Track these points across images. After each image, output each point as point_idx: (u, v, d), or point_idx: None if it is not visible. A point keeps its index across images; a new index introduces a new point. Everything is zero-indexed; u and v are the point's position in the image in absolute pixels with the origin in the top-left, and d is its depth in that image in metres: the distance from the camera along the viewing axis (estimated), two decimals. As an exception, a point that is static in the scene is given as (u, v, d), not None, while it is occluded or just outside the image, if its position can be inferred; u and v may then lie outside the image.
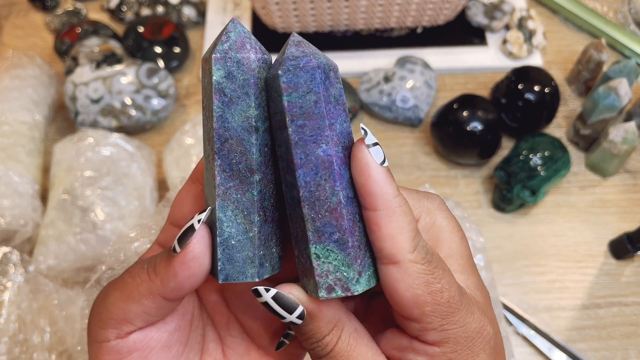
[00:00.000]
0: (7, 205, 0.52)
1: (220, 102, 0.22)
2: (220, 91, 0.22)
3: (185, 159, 0.54)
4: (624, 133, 0.55)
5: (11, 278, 0.44)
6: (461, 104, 0.58)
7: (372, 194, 0.21)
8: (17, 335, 0.42)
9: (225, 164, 0.22)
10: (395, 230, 0.21)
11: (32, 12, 0.75)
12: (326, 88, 0.21)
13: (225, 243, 0.23)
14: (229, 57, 0.22)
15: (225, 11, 0.73)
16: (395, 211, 0.21)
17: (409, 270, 0.21)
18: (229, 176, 0.22)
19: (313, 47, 0.22)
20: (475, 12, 0.69)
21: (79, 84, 0.60)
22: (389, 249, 0.21)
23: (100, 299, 0.24)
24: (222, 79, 0.22)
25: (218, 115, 0.22)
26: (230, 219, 0.23)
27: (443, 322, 0.22)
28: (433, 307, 0.22)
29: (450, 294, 0.22)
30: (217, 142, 0.22)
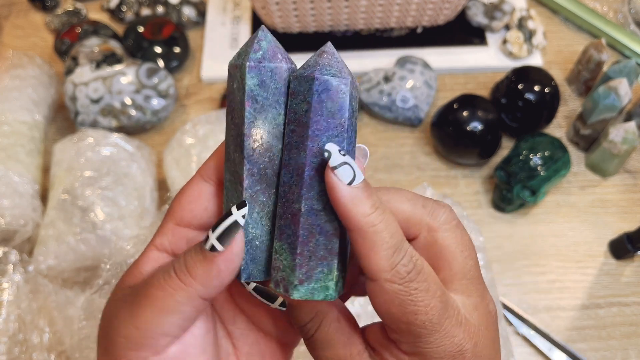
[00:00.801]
0: (7, 205, 0.52)
1: (252, 109, 0.23)
2: (252, 98, 0.23)
3: (186, 159, 0.54)
4: (624, 133, 0.55)
5: (10, 278, 0.44)
6: (461, 104, 0.58)
7: (343, 216, 0.22)
8: (17, 335, 0.42)
9: (255, 168, 0.23)
10: (369, 249, 0.21)
11: (32, 12, 0.75)
12: (320, 100, 0.22)
13: (250, 243, 0.23)
14: (263, 65, 0.23)
15: (225, 11, 0.73)
16: (367, 231, 0.21)
17: (385, 289, 0.22)
18: (257, 180, 0.23)
19: (339, 60, 0.23)
20: (475, 12, 0.69)
21: (79, 84, 0.60)
22: (367, 267, 0.22)
23: (120, 321, 0.23)
24: (256, 86, 0.23)
25: (250, 121, 0.23)
26: (255, 220, 0.23)
27: (416, 341, 0.22)
28: (407, 327, 0.22)
29: (427, 317, 0.22)
30: (248, 148, 0.23)
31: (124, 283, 0.25)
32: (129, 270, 0.25)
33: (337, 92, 0.22)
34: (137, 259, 0.26)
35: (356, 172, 0.22)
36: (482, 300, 0.24)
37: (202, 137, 0.55)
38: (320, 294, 0.23)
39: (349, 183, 0.21)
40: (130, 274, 0.25)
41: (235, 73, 0.23)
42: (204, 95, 0.67)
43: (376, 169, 0.61)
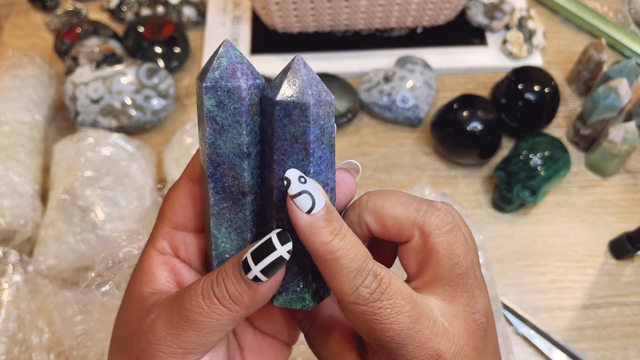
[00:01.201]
0: (7, 205, 0.52)
1: (212, 129, 0.22)
2: (211, 119, 0.22)
3: (186, 159, 0.54)
4: (624, 133, 0.55)
5: (10, 278, 0.44)
6: (461, 104, 0.58)
7: (304, 243, 0.22)
8: (16, 335, 0.42)
9: (219, 187, 0.23)
10: (330, 275, 0.22)
11: (32, 12, 0.75)
12: (282, 125, 0.22)
13: (220, 257, 0.24)
14: (219, 86, 0.22)
15: (226, 11, 0.73)
16: (325, 259, 0.22)
17: (349, 310, 0.22)
18: (222, 198, 0.23)
19: (304, 78, 0.22)
20: (475, 12, 0.69)
21: (79, 84, 0.60)
22: (332, 289, 0.22)
23: (160, 339, 0.23)
24: (214, 107, 0.22)
25: (210, 142, 0.22)
26: (224, 235, 0.24)
27: (390, 354, 0.22)
28: (377, 342, 0.22)
29: (395, 333, 0.22)
30: (210, 167, 0.23)
31: (139, 290, 0.25)
32: (138, 276, 0.25)
33: (299, 116, 0.22)
34: (142, 263, 0.26)
35: (316, 200, 0.22)
36: (467, 308, 0.24)
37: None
38: (298, 303, 0.24)
39: (308, 211, 0.22)
40: (142, 279, 0.25)
41: (197, 91, 0.23)
42: (204, 95, 0.67)
43: (376, 169, 0.61)
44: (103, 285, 0.37)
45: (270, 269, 0.22)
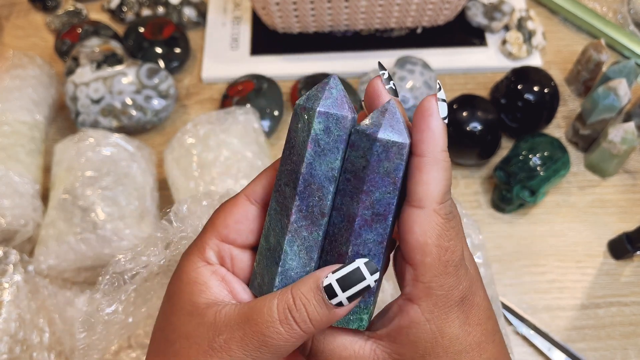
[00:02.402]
0: (8, 205, 0.52)
1: (313, 151, 0.24)
2: (316, 142, 0.24)
3: (186, 159, 0.54)
4: (623, 133, 0.55)
5: (10, 278, 0.44)
6: (461, 104, 0.58)
7: (424, 141, 0.23)
8: (17, 335, 0.42)
9: (303, 205, 0.25)
10: (432, 178, 0.23)
11: (33, 13, 0.75)
12: (379, 160, 0.24)
13: (285, 273, 0.25)
14: (331, 113, 0.24)
15: (226, 11, 0.73)
16: (438, 162, 0.23)
17: (430, 218, 0.23)
18: (303, 216, 0.25)
19: (399, 120, 0.24)
20: (475, 13, 0.69)
21: (79, 84, 0.60)
22: (420, 193, 0.23)
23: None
24: (321, 131, 0.24)
25: (308, 162, 0.24)
26: (294, 252, 0.25)
27: (432, 280, 0.24)
28: (432, 260, 0.23)
29: (452, 257, 0.24)
30: (301, 185, 0.25)
31: (193, 301, 0.25)
32: (188, 286, 0.26)
33: (395, 154, 0.24)
34: (188, 273, 0.26)
35: (447, 116, 0.24)
36: (470, 255, 0.26)
37: (203, 137, 0.55)
38: (355, 324, 0.25)
39: (442, 118, 0.24)
40: (193, 290, 0.26)
41: (302, 114, 0.25)
42: (204, 95, 0.67)
43: (376, 169, 0.61)
44: (108, 306, 0.37)
45: (356, 296, 0.24)
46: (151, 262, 0.38)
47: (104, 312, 0.37)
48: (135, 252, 0.38)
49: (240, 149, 0.54)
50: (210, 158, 0.53)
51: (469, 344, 0.24)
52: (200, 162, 0.53)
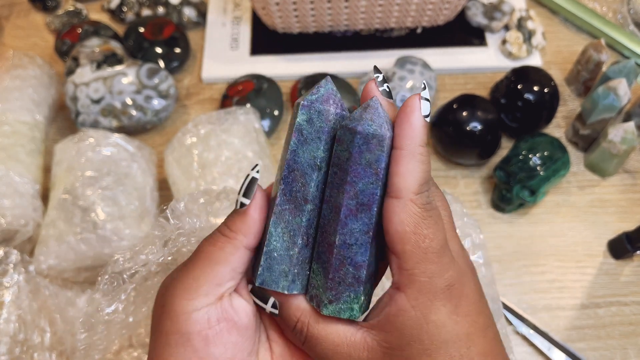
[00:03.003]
0: (8, 205, 0.52)
1: (296, 139, 0.26)
2: (299, 131, 0.26)
3: (186, 159, 0.54)
4: (623, 133, 0.55)
5: (11, 278, 0.44)
6: (461, 104, 0.58)
7: (403, 135, 0.25)
8: (18, 335, 0.42)
9: (287, 189, 0.27)
10: (408, 170, 0.24)
11: (33, 13, 0.75)
12: (360, 152, 0.25)
13: (269, 254, 0.27)
14: (313, 106, 0.26)
15: (226, 12, 0.73)
16: (414, 156, 0.25)
17: (406, 207, 0.24)
18: (287, 199, 0.27)
19: (381, 115, 0.25)
20: (474, 13, 0.69)
21: (79, 84, 0.60)
22: (397, 184, 0.25)
23: (181, 276, 0.27)
24: (304, 122, 0.26)
25: (292, 149, 0.26)
26: (278, 234, 0.27)
27: (414, 267, 0.24)
28: (412, 248, 0.24)
29: (431, 244, 0.25)
30: (286, 171, 0.27)
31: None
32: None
33: (376, 145, 0.25)
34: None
35: (429, 114, 0.25)
36: (462, 250, 0.27)
37: (204, 137, 0.55)
38: (346, 313, 0.26)
39: (425, 116, 0.25)
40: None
41: (294, 110, 0.27)
42: (204, 95, 0.67)
43: (376, 169, 0.61)
44: (108, 306, 0.38)
45: (248, 190, 0.26)
46: (150, 261, 0.38)
47: (104, 312, 0.37)
48: (133, 251, 0.38)
49: (241, 149, 0.54)
50: (211, 158, 0.53)
51: (457, 333, 0.25)
52: (201, 162, 0.53)
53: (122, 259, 0.39)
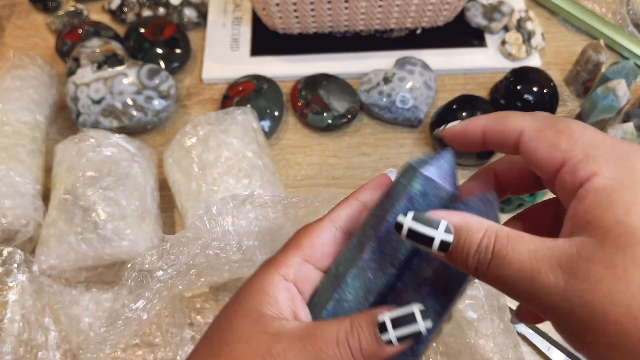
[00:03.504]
0: (9, 205, 0.52)
1: (404, 206, 0.25)
2: (409, 199, 0.25)
3: (186, 160, 0.54)
4: (622, 133, 0.55)
5: (15, 278, 0.44)
6: (460, 104, 0.58)
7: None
8: (22, 335, 0.42)
9: (378, 250, 0.26)
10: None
11: (34, 13, 0.75)
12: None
13: (339, 302, 0.27)
14: (433, 180, 0.25)
15: (226, 12, 0.73)
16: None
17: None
18: (374, 258, 0.26)
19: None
20: (474, 14, 0.69)
21: (80, 85, 0.60)
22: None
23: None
24: (417, 192, 0.25)
25: (396, 213, 0.25)
26: (354, 287, 0.26)
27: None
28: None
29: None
30: (382, 231, 0.26)
31: (260, 310, 0.27)
32: (258, 295, 0.27)
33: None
34: (262, 283, 0.27)
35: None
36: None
37: (203, 138, 0.55)
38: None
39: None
40: (263, 300, 0.27)
41: (408, 170, 0.26)
42: (205, 95, 0.67)
43: (376, 169, 0.61)
44: (134, 303, 0.38)
45: (405, 338, 0.25)
46: (179, 262, 0.38)
47: (130, 308, 0.38)
48: (162, 250, 0.38)
49: (240, 149, 0.54)
50: (211, 159, 0.53)
51: None
52: (201, 162, 0.53)
53: (150, 257, 0.39)
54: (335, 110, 0.62)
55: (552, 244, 0.22)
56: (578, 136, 0.24)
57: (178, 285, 0.40)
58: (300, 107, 0.63)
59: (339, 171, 0.61)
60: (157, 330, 0.48)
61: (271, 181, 0.54)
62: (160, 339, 0.48)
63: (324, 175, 0.61)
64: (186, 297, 0.52)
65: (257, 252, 0.47)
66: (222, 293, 0.53)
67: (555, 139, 0.24)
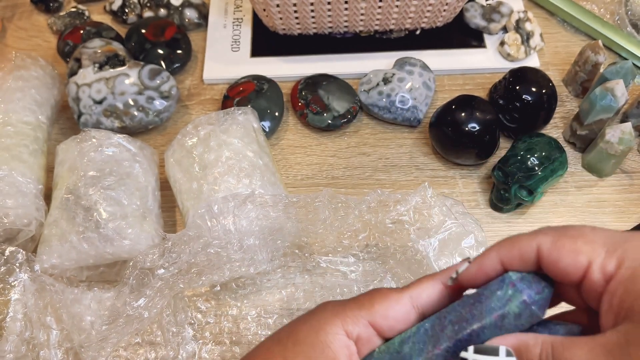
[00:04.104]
0: (11, 205, 0.52)
1: (494, 322, 0.26)
2: (502, 317, 0.26)
3: (187, 159, 0.54)
4: (620, 134, 0.56)
5: (17, 277, 0.44)
6: (459, 104, 0.58)
7: None
8: (24, 333, 0.42)
9: (453, 351, 0.26)
10: None
11: (36, 14, 0.75)
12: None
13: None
14: (532, 308, 0.26)
15: (227, 13, 0.73)
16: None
17: None
18: (446, 358, 0.26)
19: None
20: (473, 14, 0.70)
21: (81, 85, 0.60)
22: None
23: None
24: (513, 314, 0.26)
25: (483, 326, 0.26)
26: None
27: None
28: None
29: None
30: (464, 337, 0.26)
31: (315, 356, 0.27)
32: (320, 349, 0.27)
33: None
34: (326, 336, 0.27)
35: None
36: None
37: (204, 138, 0.55)
38: None
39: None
40: (325, 355, 0.27)
41: (509, 287, 0.26)
42: (205, 96, 0.68)
43: (375, 169, 0.61)
44: (136, 300, 0.38)
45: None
46: (181, 260, 0.38)
47: (132, 305, 0.38)
48: (164, 248, 0.39)
49: (241, 149, 0.54)
50: (212, 158, 0.53)
51: None
52: (202, 162, 0.54)
53: (152, 255, 0.39)
54: (335, 111, 0.63)
55: (602, 339, 0.23)
56: (593, 237, 0.26)
57: (179, 283, 0.40)
58: (301, 107, 0.64)
59: (338, 171, 0.61)
60: (158, 329, 0.49)
61: (271, 181, 0.54)
62: (161, 338, 0.49)
63: (324, 175, 0.61)
64: (187, 297, 0.52)
65: (257, 251, 0.47)
66: (222, 293, 0.53)
67: (575, 245, 0.26)
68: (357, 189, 0.60)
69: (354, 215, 0.49)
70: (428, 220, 0.49)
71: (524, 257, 0.27)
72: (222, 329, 0.51)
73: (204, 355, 0.49)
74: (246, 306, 0.52)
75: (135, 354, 0.48)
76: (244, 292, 0.53)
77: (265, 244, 0.47)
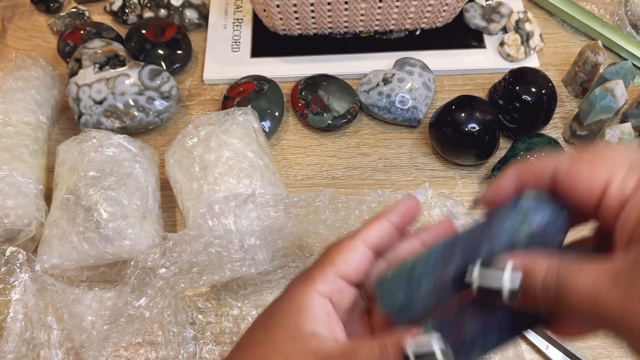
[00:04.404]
0: (11, 205, 0.52)
1: (505, 245, 0.25)
2: (512, 240, 0.25)
3: (188, 160, 0.55)
4: (620, 134, 0.56)
5: (18, 277, 0.44)
6: (459, 105, 0.58)
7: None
8: (24, 333, 0.42)
9: (462, 272, 0.26)
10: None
11: (36, 14, 0.76)
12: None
13: (410, 302, 0.28)
14: (545, 232, 0.25)
15: (227, 14, 0.73)
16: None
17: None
18: (440, 288, 0.27)
19: None
20: (473, 15, 0.70)
21: (82, 86, 0.60)
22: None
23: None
24: (524, 237, 0.25)
25: (493, 247, 0.26)
26: (428, 291, 0.27)
27: None
28: None
29: None
30: (474, 258, 0.26)
31: (299, 326, 0.27)
32: (297, 310, 0.28)
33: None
34: (300, 298, 0.28)
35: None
36: None
37: (204, 138, 0.55)
38: None
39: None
40: (302, 316, 0.28)
41: (522, 208, 0.26)
42: (206, 96, 0.68)
43: (375, 169, 0.62)
44: (137, 300, 0.38)
45: (423, 357, 0.24)
46: (182, 259, 0.38)
47: (133, 305, 0.38)
48: (165, 247, 0.39)
49: (241, 149, 0.55)
50: (212, 159, 0.54)
51: None
52: (202, 163, 0.54)
53: (153, 255, 0.40)
54: (335, 111, 0.63)
55: (610, 264, 0.22)
56: (612, 155, 0.24)
57: (180, 283, 0.40)
58: (301, 107, 0.64)
59: (338, 171, 0.62)
60: (159, 329, 0.49)
61: (272, 181, 0.54)
62: (162, 338, 0.49)
63: (324, 176, 0.61)
64: (188, 297, 0.52)
65: (258, 251, 0.47)
66: (223, 293, 0.53)
67: (593, 165, 0.24)
68: (357, 189, 0.60)
69: (355, 215, 0.50)
70: (428, 221, 0.49)
71: (538, 176, 0.26)
72: (223, 329, 0.51)
73: (204, 355, 0.49)
74: (247, 306, 0.52)
75: (136, 354, 0.48)
76: (244, 292, 0.53)
77: (266, 244, 0.47)
